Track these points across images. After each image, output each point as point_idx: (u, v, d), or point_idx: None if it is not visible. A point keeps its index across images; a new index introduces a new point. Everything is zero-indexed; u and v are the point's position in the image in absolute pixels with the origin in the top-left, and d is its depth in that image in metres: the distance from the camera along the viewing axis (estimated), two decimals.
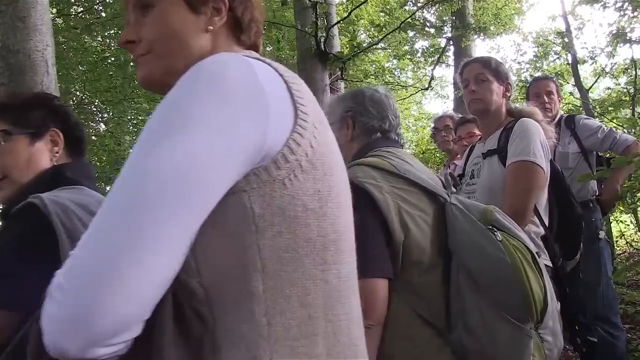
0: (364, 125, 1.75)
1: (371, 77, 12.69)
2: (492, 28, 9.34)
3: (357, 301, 0.88)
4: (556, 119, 3.63)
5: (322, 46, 5.39)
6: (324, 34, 5.40)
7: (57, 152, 1.44)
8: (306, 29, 5.35)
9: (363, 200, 1.47)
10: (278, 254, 0.74)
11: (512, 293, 1.40)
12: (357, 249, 1.45)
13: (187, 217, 0.68)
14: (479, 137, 3.46)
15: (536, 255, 1.48)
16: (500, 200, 2.17)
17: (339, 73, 5.82)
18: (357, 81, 9.94)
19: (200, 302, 0.73)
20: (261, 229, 0.73)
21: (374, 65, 13.50)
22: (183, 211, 0.67)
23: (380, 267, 1.44)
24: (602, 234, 3.38)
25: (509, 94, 2.50)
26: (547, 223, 2.29)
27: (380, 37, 7.11)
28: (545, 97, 3.63)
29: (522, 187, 2.15)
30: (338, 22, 5.56)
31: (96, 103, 10.44)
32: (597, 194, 3.52)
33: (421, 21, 7.90)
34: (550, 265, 2.21)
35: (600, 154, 3.70)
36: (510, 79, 2.55)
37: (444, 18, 8.82)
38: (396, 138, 1.77)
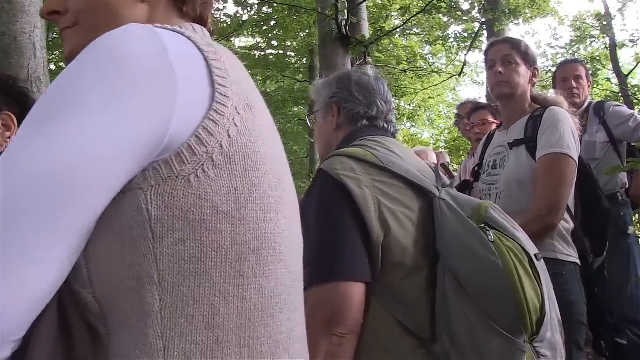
0: (349, 112, 1.59)
1: (404, 62, 12.47)
2: (527, 11, 8.98)
3: (293, 321, 0.74)
4: (584, 106, 3.41)
5: (344, 29, 5.22)
6: (345, 17, 5.22)
7: (9, 137, 1.35)
8: (326, 11, 5.19)
9: (339, 194, 1.33)
10: (179, 265, 0.62)
11: (504, 301, 1.24)
12: (330, 249, 1.34)
13: (66, 221, 0.56)
14: (492, 124, 3.29)
15: (534, 258, 1.32)
16: (530, 194, 2.07)
17: (364, 58, 5.64)
18: (384, 66, 9.73)
19: (95, 317, 0.62)
20: (158, 235, 0.61)
21: (407, 51, 13.26)
22: (61, 213, 0.56)
23: (355, 270, 1.30)
24: (631, 230, 3.15)
25: (535, 80, 2.35)
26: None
27: (405, 20, 6.89)
28: (573, 82, 3.41)
29: (556, 181, 2.03)
30: (359, 4, 5.37)
31: None
32: (626, 186, 3.29)
33: (448, 2, 7.61)
34: (579, 263, 2.08)
35: (633, 144, 3.46)
36: (537, 64, 2.39)
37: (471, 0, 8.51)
38: (385, 126, 1.61)
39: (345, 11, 5.24)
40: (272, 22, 12.02)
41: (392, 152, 1.47)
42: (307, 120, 1.78)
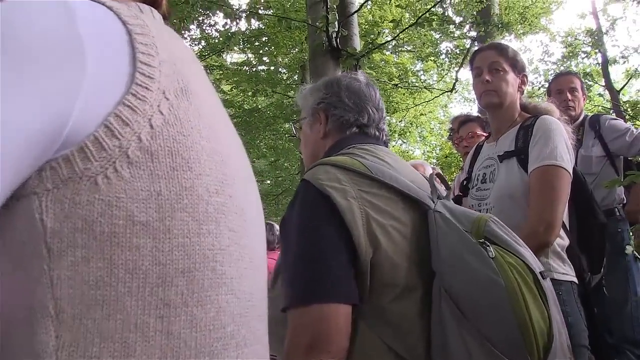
0: (338, 119, 1.48)
1: (395, 79, 12.45)
2: (518, 27, 8.97)
3: (244, 357, 0.59)
4: (580, 119, 3.32)
5: (334, 42, 5.14)
6: (335, 29, 5.15)
7: None
8: (317, 23, 5.11)
9: (323, 207, 1.21)
10: (82, 291, 0.49)
11: (506, 324, 1.12)
12: (313, 267, 1.21)
13: None
14: (480, 137, 3.18)
15: (540, 277, 1.20)
16: (522, 209, 1.94)
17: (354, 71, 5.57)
18: (375, 81, 9.67)
19: None
20: (56, 252, 0.48)
21: (398, 67, 13.25)
22: None
23: (340, 290, 1.17)
24: (629, 249, 3.04)
25: (524, 87, 2.23)
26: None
27: (395, 33, 6.85)
28: (568, 94, 3.32)
29: (550, 195, 1.90)
30: (350, 15, 5.31)
31: None
32: (624, 202, 3.19)
33: (439, 17, 7.57)
34: (576, 281, 1.95)
35: (629, 158, 3.37)
36: (526, 71, 2.28)
37: (463, 15, 8.49)
38: (377, 134, 1.49)
39: (336, 23, 5.17)
40: (264, 38, 11.96)
41: (383, 160, 1.35)
42: (293, 129, 1.66)
